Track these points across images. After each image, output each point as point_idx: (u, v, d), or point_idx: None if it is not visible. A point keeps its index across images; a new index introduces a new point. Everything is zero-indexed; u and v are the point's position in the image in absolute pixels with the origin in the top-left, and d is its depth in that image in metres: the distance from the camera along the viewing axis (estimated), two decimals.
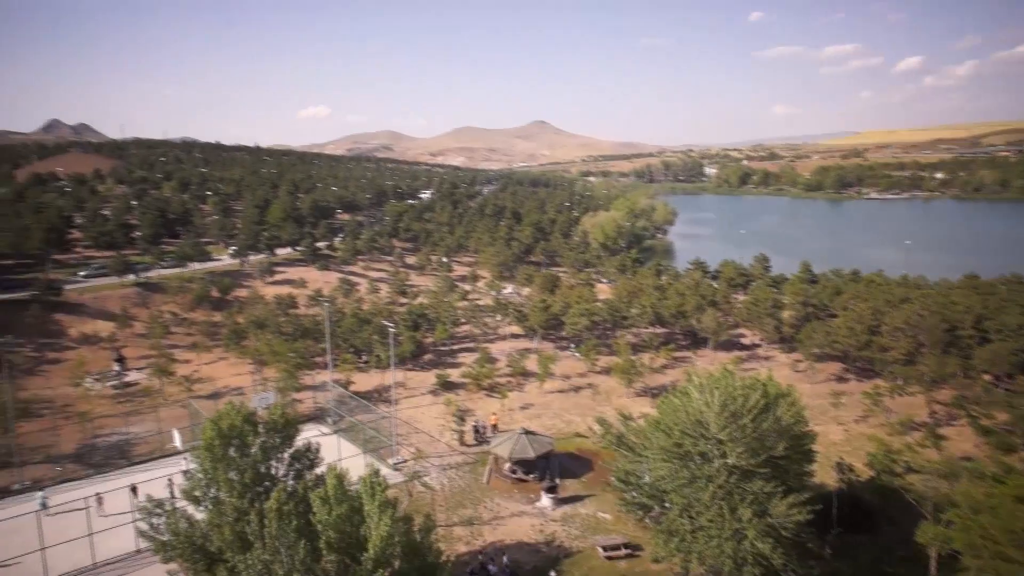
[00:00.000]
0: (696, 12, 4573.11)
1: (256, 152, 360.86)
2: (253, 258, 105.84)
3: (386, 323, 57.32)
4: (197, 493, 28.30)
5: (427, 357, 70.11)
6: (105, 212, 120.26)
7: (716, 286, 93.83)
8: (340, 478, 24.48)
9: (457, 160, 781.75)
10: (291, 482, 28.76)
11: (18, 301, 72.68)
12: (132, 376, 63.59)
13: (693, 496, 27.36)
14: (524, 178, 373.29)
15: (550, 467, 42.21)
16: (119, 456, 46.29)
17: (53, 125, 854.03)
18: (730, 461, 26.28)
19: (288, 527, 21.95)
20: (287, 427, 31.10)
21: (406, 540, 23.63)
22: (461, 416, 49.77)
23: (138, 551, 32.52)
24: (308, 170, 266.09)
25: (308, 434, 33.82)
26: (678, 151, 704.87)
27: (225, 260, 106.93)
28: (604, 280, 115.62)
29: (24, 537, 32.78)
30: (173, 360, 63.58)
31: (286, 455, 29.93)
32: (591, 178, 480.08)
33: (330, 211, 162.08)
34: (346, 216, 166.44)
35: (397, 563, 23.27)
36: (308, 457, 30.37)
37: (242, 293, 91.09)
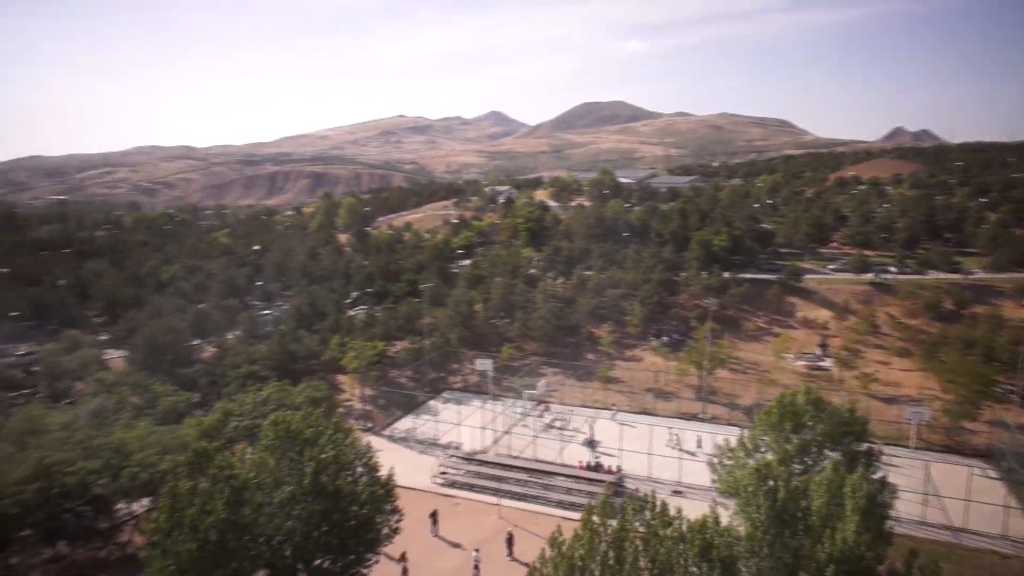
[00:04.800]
0: None
1: None
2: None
3: None
4: (749, 446, 34.10)
5: None
6: (878, 213, 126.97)
7: None
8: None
9: None
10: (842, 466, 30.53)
11: (766, 281, 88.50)
12: (827, 363, 70.33)
13: None
14: None
15: None
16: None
17: (896, 133, 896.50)
18: None
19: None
20: (855, 424, 33.34)
21: None
22: None
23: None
24: None
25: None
26: None
27: (979, 274, 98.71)
28: None
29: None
30: (861, 357, 66.89)
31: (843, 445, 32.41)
32: None
33: None
34: None
35: None
36: (871, 457, 32.14)
37: (980, 310, 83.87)
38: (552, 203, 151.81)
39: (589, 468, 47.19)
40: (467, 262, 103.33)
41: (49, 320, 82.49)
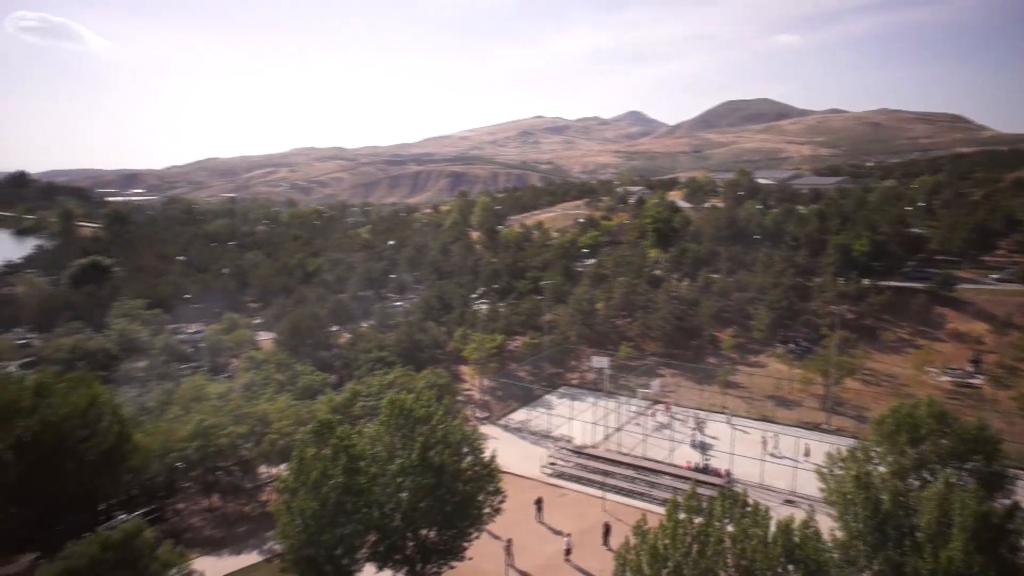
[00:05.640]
0: None
1: None
2: None
3: None
4: (861, 457, 32.76)
5: None
6: None
7: None
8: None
9: None
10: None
11: (912, 289, 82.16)
12: (978, 380, 64.53)
13: None
14: None
15: None
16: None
17: None
18: None
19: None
20: (985, 443, 31.48)
21: None
22: None
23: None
24: None
25: None
26: None
27: None
28: None
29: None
30: (1021, 376, 60.85)
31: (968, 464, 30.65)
32: None
33: None
34: None
35: None
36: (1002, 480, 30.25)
37: None
38: (684, 204, 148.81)
39: (697, 470, 46.71)
40: (592, 261, 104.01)
41: (214, 303, 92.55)
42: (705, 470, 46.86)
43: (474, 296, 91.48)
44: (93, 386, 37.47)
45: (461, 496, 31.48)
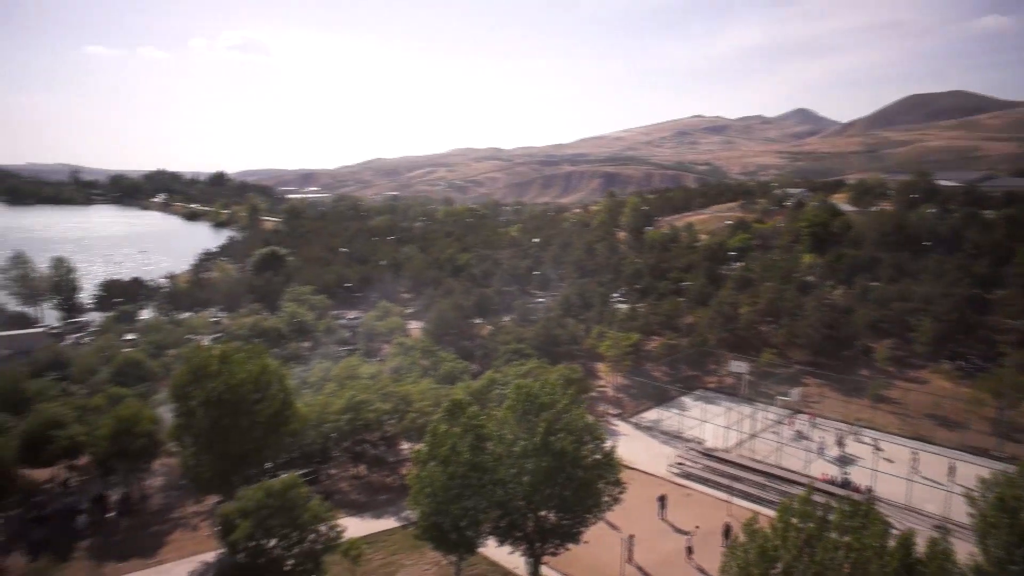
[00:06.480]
0: None
1: None
2: None
3: None
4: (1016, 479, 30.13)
5: None
6: None
7: None
8: None
9: None
10: None
11: None
12: None
13: None
14: None
15: None
16: None
17: None
18: None
19: None
20: None
21: None
22: None
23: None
24: None
25: None
26: None
27: None
28: None
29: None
30: None
31: None
32: None
33: None
34: None
35: None
36: None
37: None
38: (848, 207, 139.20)
39: (834, 483, 44.50)
40: (739, 265, 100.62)
41: (372, 292, 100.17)
42: (844, 485, 44.53)
43: (614, 295, 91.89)
44: (264, 358, 42.77)
45: (579, 482, 32.66)
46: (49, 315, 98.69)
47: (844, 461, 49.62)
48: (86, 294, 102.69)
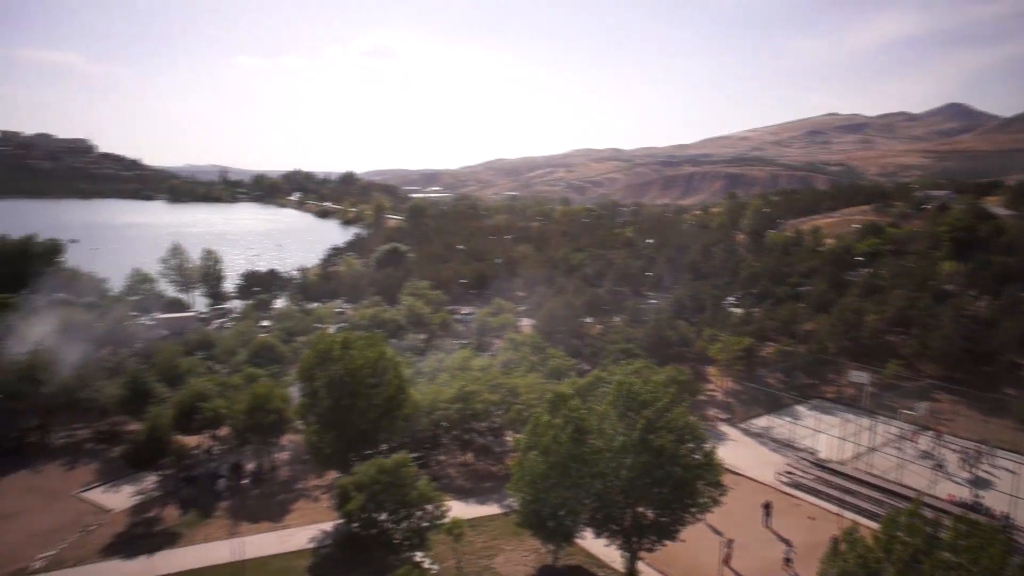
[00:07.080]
0: None
1: None
2: None
3: None
4: None
5: None
6: None
7: None
8: None
9: None
10: None
11: None
12: None
13: None
14: None
15: None
16: None
17: None
18: None
19: None
20: None
21: None
22: None
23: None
24: None
25: None
26: None
27: None
28: None
29: None
30: None
31: None
32: None
33: None
34: None
35: None
36: None
37: None
38: (1002, 211, 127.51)
39: (964, 506, 41.50)
40: (866, 271, 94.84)
41: (486, 289, 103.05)
42: (974, 508, 41.44)
43: (729, 299, 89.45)
44: (382, 346, 45.77)
45: (678, 480, 32.68)
46: (199, 301, 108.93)
47: (977, 483, 46.09)
48: (230, 283, 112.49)
